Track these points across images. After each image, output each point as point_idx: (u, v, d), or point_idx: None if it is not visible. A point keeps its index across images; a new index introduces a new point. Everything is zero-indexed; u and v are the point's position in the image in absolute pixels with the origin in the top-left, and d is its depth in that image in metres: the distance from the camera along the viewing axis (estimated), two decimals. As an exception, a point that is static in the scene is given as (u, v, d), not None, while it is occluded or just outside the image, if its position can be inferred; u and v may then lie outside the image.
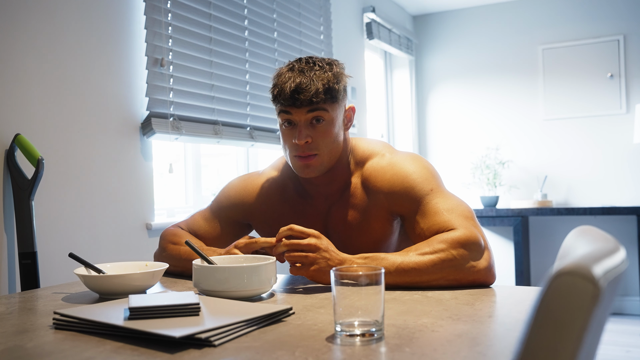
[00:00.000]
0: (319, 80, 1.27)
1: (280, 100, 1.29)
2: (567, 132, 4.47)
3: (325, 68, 1.30)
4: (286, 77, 1.29)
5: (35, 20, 1.87)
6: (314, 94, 1.26)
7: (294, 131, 1.31)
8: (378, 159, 1.39)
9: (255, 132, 2.84)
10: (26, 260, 1.72)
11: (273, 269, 1.16)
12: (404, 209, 1.32)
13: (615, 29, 4.34)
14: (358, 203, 1.37)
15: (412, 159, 1.37)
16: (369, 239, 1.37)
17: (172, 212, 2.60)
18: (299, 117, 1.29)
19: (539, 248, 4.52)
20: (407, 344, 0.79)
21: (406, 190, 1.32)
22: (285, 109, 1.30)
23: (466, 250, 1.18)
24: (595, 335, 0.56)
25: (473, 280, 1.18)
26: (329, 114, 1.30)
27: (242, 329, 0.86)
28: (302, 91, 1.26)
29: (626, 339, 3.59)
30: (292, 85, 1.27)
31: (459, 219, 1.23)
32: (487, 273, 1.19)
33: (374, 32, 4.10)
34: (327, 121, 1.30)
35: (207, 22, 2.58)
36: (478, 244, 1.19)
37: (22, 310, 1.10)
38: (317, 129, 1.30)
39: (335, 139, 1.32)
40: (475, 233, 1.20)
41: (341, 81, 1.33)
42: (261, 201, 1.46)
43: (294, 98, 1.27)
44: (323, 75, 1.29)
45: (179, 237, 1.46)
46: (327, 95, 1.28)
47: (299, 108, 1.28)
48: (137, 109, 2.24)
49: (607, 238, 0.71)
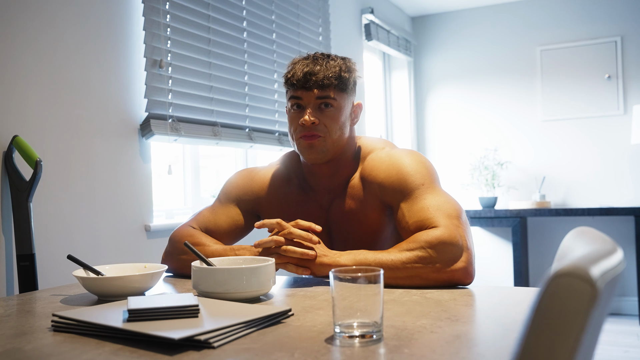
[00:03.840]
0: (331, 68, 1.35)
1: (292, 82, 1.35)
2: (565, 133, 4.48)
3: (338, 60, 1.38)
4: (300, 64, 1.37)
5: (34, 22, 1.87)
6: (325, 77, 1.33)
7: (302, 114, 1.36)
8: (378, 152, 1.43)
9: (254, 133, 2.84)
10: (24, 262, 1.72)
11: (272, 271, 1.16)
12: (393, 200, 1.35)
13: (612, 31, 4.35)
14: (357, 195, 1.41)
15: (410, 154, 1.40)
16: (366, 230, 1.40)
17: (171, 214, 2.60)
18: (308, 99, 1.35)
19: (537, 249, 4.53)
20: (406, 345, 0.79)
21: (398, 182, 1.34)
22: (295, 93, 1.36)
23: (442, 250, 1.18)
24: (593, 335, 0.56)
25: (448, 280, 1.19)
26: (337, 102, 1.36)
27: (241, 331, 0.86)
28: (315, 74, 1.34)
29: (624, 339, 3.59)
30: (306, 69, 1.35)
31: (442, 217, 1.24)
32: (464, 273, 1.19)
33: (373, 33, 4.10)
34: (335, 108, 1.36)
35: (206, 23, 2.58)
36: (455, 244, 1.19)
37: (21, 313, 1.09)
38: (325, 113, 1.35)
39: (341, 127, 1.37)
40: (454, 233, 1.20)
41: (352, 73, 1.40)
42: (268, 192, 1.50)
43: (306, 79, 1.33)
44: (335, 64, 1.37)
45: (197, 237, 1.44)
46: (338, 81, 1.35)
47: (309, 91, 1.34)
48: (135, 111, 2.24)
49: (604, 239, 0.71)
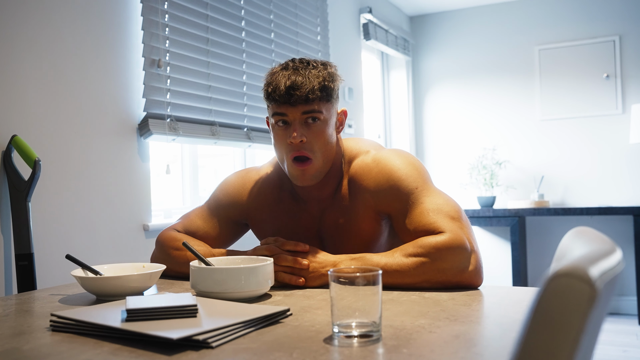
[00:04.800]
0: (314, 78, 1.26)
1: (275, 97, 1.26)
2: (563, 133, 4.48)
3: (319, 67, 1.29)
4: (281, 75, 1.27)
5: (33, 22, 1.86)
6: (309, 90, 1.24)
7: (288, 131, 1.28)
8: (363, 157, 1.37)
9: (252, 132, 2.84)
10: (23, 261, 1.71)
11: (270, 270, 1.16)
12: (390, 208, 1.31)
13: (611, 30, 4.35)
14: (346, 205, 1.36)
15: (397, 155, 1.35)
16: (359, 241, 1.35)
17: (169, 213, 2.59)
18: (293, 115, 1.26)
19: (536, 248, 4.53)
20: (404, 345, 0.79)
21: (391, 189, 1.30)
22: (279, 109, 1.27)
23: (451, 255, 1.16)
24: (592, 336, 0.56)
25: (458, 283, 1.17)
26: (323, 114, 1.28)
27: (239, 331, 0.86)
28: (298, 88, 1.24)
29: (623, 339, 3.60)
30: (288, 82, 1.25)
31: (445, 221, 1.21)
32: (474, 276, 1.17)
33: (371, 32, 4.10)
34: (321, 121, 1.28)
35: (204, 23, 2.58)
36: (463, 248, 1.17)
37: (19, 312, 1.09)
38: (311, 129, 1.28)
39: (328, 140, 1.31)
40: (461, 236, 1.18)
41: (335, 81, 1.31)
42: (258, 199, 1.45)
43: (290, 94, 1.24)
44: (318, 73, 1.27)
45: (179, 241, 1.41)
46: (323, 93, 1.27)
47: (294, 106, 1.25)
48: (134, 110, 2.24)
49: (603, 239, 0.71)
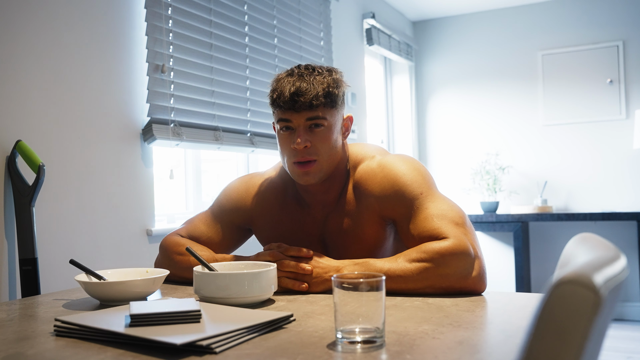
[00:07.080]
0: (319, 85, 1.27)
1: (279, 104, 1.28)
2: (567, 138, 4.47)
3: (324, 74, 1.30)
4: (285, 82, 1.28)
5: (36, 27, 1.87)
6: (313, 97, 1.25)
7: (292, 136, 1.29)
8: (368, 162, 1.37)
9: (256, 138, 2.84)
10: (27, 266, 1.72)
11: (274, 276, 1.16)
12: (395, 213, 1.31)
13: (614, 35, 4.35)
14: (351, 210, 1.36)
15: (402, 160, 1.35)
16: (363, 245, 1.35)
17: (173, 218, 2.60)
18: (298, 121, 1.27)
19: (539, 254, 4.52)
20: (408, 350, 0.79)
21: (396, 194, 1.30)
22: (284, 115, 1.28)
23: (455, 261, 1.16)
24: (596, 343, 0.56)
25: (461, 289, 1.17)
26: (327, 121, 1.29)
27: (243, 336, 0.86)
28: (302, 94, 1.25)
29: (627, 345, 3.58)
30: (292, 88, 1.26)
31: (450, 226, 1.21)
32: (477, 282, 1.17)
33: (374, 38, 4.11)
34: (326, 127, 1.29)
35: (208, 28, 2.59)
36: (467, 254, 1.17)
37: (23, 317, 1.09)
38: (316, 134, 1.28)
39: (333, 145, 1.31)
40: (465, 242, 1.18)
41: (340, 87, 1.32)
42: (262, 205, 1.45)
43: (294, 101, 1.25)
44: (323, 80, 1.28)
45: (182, 246, 1.41)
46: (327, 99, 1.27)
47: (299, 112, 1.26)
48: (137, 115, 2.24)
49: (607, 246, 0.71)
